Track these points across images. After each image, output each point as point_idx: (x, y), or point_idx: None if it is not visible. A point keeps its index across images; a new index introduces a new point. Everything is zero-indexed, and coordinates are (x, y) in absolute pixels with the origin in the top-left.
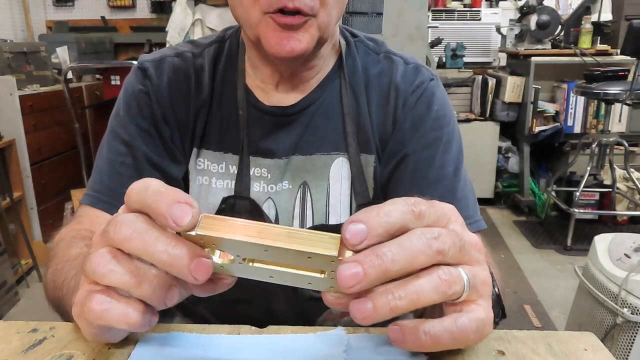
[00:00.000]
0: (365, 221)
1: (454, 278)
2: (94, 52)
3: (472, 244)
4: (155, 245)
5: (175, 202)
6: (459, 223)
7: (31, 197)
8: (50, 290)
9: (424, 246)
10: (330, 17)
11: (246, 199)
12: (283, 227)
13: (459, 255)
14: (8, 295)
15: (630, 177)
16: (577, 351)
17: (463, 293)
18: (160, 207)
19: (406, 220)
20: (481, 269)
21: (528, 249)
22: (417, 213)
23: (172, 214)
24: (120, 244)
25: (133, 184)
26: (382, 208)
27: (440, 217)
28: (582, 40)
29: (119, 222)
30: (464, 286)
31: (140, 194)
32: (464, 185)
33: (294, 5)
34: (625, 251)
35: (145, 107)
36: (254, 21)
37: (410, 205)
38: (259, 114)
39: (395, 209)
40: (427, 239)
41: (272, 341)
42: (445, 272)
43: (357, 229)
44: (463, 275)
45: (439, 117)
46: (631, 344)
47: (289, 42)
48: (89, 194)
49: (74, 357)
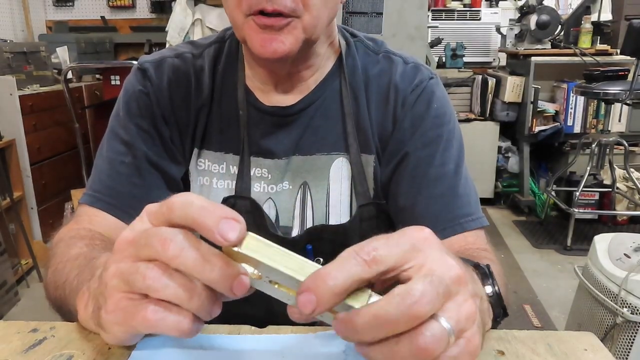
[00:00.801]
0: (313, 289)
1: (438, 342)
2: (94, 52)
3: (453, 280)
4: (204, 265)
5: (222, 218)
6: (435, 250)
7: (31, 197)
8: (51, 290)
9: (402, 315)
10: (317, 18)
11: (247, 199)
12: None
13: (443, 301)
14: (8, 295)
15: (630, 177)
16: (577, 351)
17: (448, 346)
18: (207, 222)
19: (358, 273)
20: (463, 300)
21: (528, 249)
22: (370, 261)
23: (220, 230)
24: (169, 261)
25: (175, 198)
26: (330, 271)
27: (405, 251)
28: (582, 40)
29: (166, 238)
30: (447, 342)
31: (185, 209)
32: (465, 183)
33: (273, 7)
34: (625, 251)
35: (145, 107)
36: (239, 23)
37: (362, 254)
38: (259, 114)
39: (343, 267)
40: (407, 307)
41: (272, 341)
42: (428, 337)
43: (307, 300)
44: (447, 329)
45: (439, 116)
46: (631, 343)
47: (272, 43)
48: (88, 194)
49: (74, 357)
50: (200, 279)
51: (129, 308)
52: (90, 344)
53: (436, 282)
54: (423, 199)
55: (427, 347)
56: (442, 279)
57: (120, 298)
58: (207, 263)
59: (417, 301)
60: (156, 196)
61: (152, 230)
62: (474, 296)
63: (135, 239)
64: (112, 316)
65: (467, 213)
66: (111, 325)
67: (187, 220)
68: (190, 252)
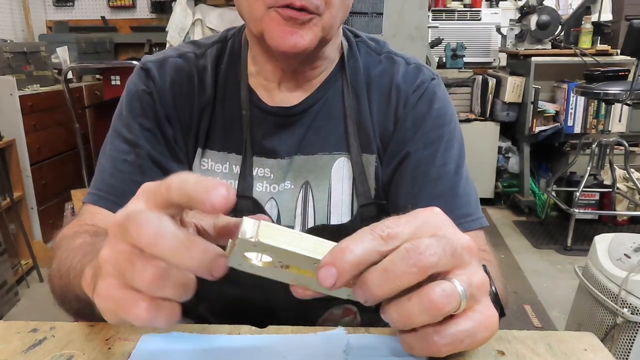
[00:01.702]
0: (332, 263)
1: (448, 297)
2: (94, 52)
3: (464, 247)
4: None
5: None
6: (447, 226)
7: (31, 197)
8: (56, 280)
9: (409, 267)
10: (334, 18)
11: (249, 198)
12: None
13: (452, 262)
14: (8, 295)
15: (630, 177)
16: (577, 351)
17: (459, 308)
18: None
19: (375, 247)
20: (475, 271)
21: (528, 249)
22: (385, 236)
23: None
24: (145, 248)
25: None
26: (348, 244)
27: (420, 227)
28: (582, 40)
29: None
30: (459, 302)
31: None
32: (465, 183)
33: (301, 4)
34: (625, 251)
35: (148, 107)
36: (258, 15)
37: (377, 231)
38: (262, 114)
39: (359, 241)
40: (412, 259)
41: (272, 341)
42: (438, 292)
43: (328, 274)
44: (458, 289)
45: (440, 116)
46: (631, 344)
47: (292, 36)
48: (91, 193)
49: (74, 357)
50: (178, 266)
51: (121, 301)
52: (90, 344)
53: (443, 241)
54: (423, 198)
55: (437, 301)
56: (451, 242)
57: (113, 285)
58: (183, 250)
59: (422, 252)
60: None
61: (133, 215)
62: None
63: (122, 221)
64: (104, 303)
65: (466, 213)
66: (101, 309)
67: (184, 198)
68: (167, 240)
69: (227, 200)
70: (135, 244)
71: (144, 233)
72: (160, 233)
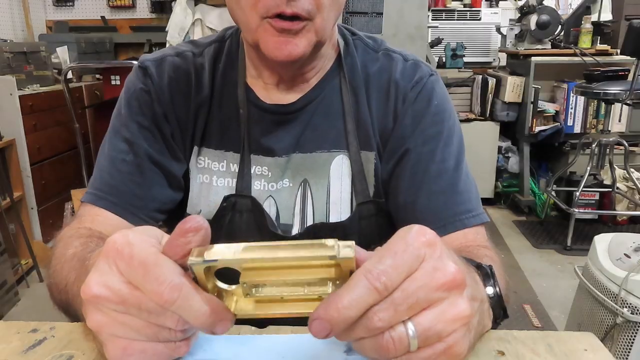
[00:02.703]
0: (327, 319)
1: (395, 344)
2: (94, 52)
3: (438, 285)
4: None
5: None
6: (433, 258)
7: (31, 197)
8: (55, 293)
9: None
10: (327, 20)
11: (247, 197)
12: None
13: (410, 309)
14: (8, 295)
15: (630, 177)
16: (577, 351)
17: (410, 349)
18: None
19: (370, 301)
20: (448, 306)
21: (528, 249)
22: (381, 289)
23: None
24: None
25: (148, 284)
26: (343, 299)
27: (410, 266)
28: (582, 40)
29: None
30: (407, 345)
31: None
32: (465, 179)
33: (292, 11)
34: (625, 251)
35: (146, 105)
36: (252, 26)
37: (373, 281)
38: (259, 112)
39: (356, 297)
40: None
41: (272, 341)
42: (387, 339)
43: (322, 328)
44: (408, 333)
45: (439, 112)
46: (631, 343)
47: (287, 46)
48: (90, 192)
49: (74, 357)
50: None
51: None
52: (90, 344)
53: (400, 297)
54: (423, 195)
55: (386, 346)
56: (413, 292)
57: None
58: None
59: (371, 318)
60: (157, 193)
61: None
62: (472, 299)
63: (109, 299)
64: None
65: (467, 209)
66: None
67: None
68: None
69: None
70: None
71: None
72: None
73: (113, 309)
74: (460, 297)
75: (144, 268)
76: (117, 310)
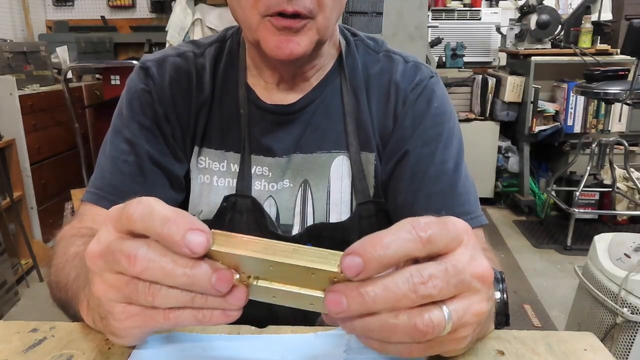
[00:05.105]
0: (361, 254)
1: (432, 326)
2: (94, 52)
3: (475, 275)
4: (174, 272)
5: (188, 230)
6: (470, 245)
7: (31, 196)
8: (55, 291)
9: (409, 291)
10: (328, 19)
11: (247, 197)
12: (289, 244)
13: (453, 292)
14: (8, 295)
15: (630, 176)
16: (577, 351)
17: (442, 333)
18: (173, 236)
19: (410, 250)
20: (480, 300)
21: (528, 249)
22: (425, 239)
23: (188, 243)
24: (138, 275)
25: (133, 207)
26: (383, 239)
27: (453, 239)
28: (582, 39)
29: (129, 254)
30: (442, 329)
31: (147, 221)
32: (464, 181)
33: (293, 9)
34: (625, 251)
35: (147, 105)
36: (253, 24)
37: (419, 230)
38: (260, 112)
39: (398, 239)
40: (413, 284)
41: (272, 341)
42: (425, 319)
43: (353, 263)
44: (445, 318)
45: (439, 114)
46: (631, 343)
47: (288, 45)
48: (90, 191)
49: (74, 357)
50: (175, 285)
51: (143, 313)
52: (90, 344)
53: (451, 272)
54: (422, 196)
55: (422, 328)
56: (460, 271)
57: (126, 307)
58: (176, 270)
59: (425, 282)
60: (159, 194)
61: (114, 244)
62: (489, 299)
63: (102, 254)
64: (130, 322)
65: (466, 211)
66: (129, 329)
67: (151, 233)
68: (159, 264)
69: (207, 246)
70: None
71: (134, 263)
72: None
73: (107, 268)
74: (487, 292)
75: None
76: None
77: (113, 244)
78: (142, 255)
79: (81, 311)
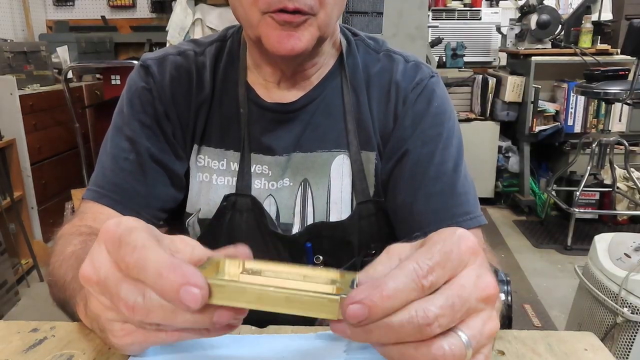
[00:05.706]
0: (367, 303)
1: (454, 355)
2: (94, 51)
3: (480, 298)
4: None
5: (182, 286)
6: (475, 265)
7: (31, 196)
8: (54, 290)
9: (414, 331)
10: (330, 16)
11: (247, 196)
12: (282, 291)
13: (462, 317)
14: (8, 294)
15: (630, 176)
16: (577, 351)
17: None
18: (167, 294)
19: (413, 297)
20: (488, 318)
21: (528, 249)
22: (427, 286)
23: (183, 300)
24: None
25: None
26: (387, 287)
27: (457, 267)
28: (583, 39)
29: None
30: (464, 356)
31: (141, 275)
32: (464, 181)
33: (294, 6)
34: (625, 251)
35: (147, 103)
36: (254, 21)
37: (420, 278)
38: (260, 111)
39: (402, 287)
40: (418, 325)
41: (272, 341)
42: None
43: (359, 313)
44: (464, 344)
45: (439, 114)
46: (631, 343)
47: (290, 40)
48: (91, 189)
49: (74, 357)
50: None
51: (144, 330)
52: (91, 344)
53: (458, 306)
54: (422, 196)
55: (442, 356)
56: (467, 296)
57: (125, 325)
58: (177, 317)
59: (430, 322)
60: (160, 192)
61: (112, 284)
62: (498, 310)
63: (99, 284)
64: (129, 339)
65: (465, 211)
66: (129, 345)
67: (145, 283)
68: (156, 313)
69: (202, 302)
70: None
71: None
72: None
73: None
74: (493, 310)
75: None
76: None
77: (110, 282)
78: (140, 305)
79: (79, 313)
